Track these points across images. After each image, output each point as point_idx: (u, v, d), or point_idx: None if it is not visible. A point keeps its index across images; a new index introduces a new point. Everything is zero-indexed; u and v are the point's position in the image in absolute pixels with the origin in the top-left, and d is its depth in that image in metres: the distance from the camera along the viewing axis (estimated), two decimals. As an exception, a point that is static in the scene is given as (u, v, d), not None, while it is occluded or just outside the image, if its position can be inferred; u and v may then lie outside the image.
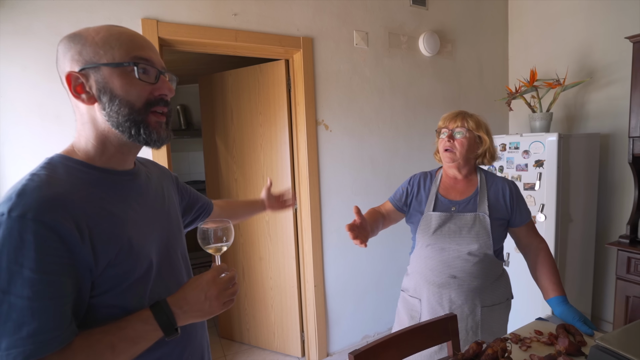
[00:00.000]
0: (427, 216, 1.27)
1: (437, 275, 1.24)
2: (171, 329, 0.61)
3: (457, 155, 1.24)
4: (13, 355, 0.48)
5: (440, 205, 1.27)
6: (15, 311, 0.49)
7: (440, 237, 1.24)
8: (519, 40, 2.90)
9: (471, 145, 1.25)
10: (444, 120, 1.28)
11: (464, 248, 1.22)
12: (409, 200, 1.34)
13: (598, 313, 2.58)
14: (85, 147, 0.65)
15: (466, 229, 1.22)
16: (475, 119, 1.25)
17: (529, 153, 2.25)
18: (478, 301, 1.24)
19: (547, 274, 1.22)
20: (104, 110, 0.62)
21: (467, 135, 1.23)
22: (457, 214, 1.24)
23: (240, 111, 2.32)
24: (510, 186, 1.29)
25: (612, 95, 2.39)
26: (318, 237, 2.18)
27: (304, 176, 2.15)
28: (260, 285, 2.38)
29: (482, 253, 1.22)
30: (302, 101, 2.10)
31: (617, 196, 2.44)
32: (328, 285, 2.25)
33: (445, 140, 1.25)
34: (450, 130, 1.25)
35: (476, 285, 1.23)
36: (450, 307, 1.23)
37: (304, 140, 2.12)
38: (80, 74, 0.61)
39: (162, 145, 0.68)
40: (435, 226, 1.24)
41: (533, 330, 1.12)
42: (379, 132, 2.36)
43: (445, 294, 1.23)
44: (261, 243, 2.34)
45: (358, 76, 2.26)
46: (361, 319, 2.39)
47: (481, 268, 1.23)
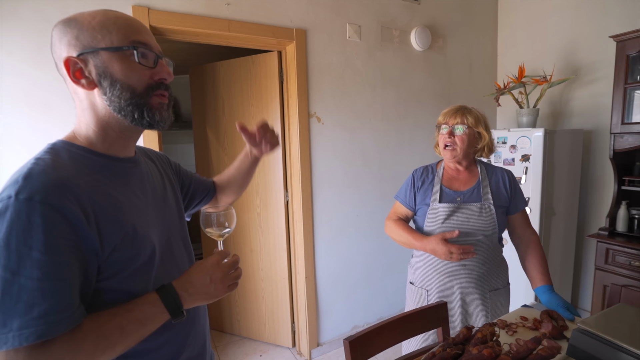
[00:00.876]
0: (434, 208, 1.30)
1: (448, 265, 1.28)
2: (178, 312, 0.62)
3: (457, 152, 1.28)
4: (25, 335, 0.49)
5: (446, 196, 1.31)
6: (25, 292, 0.49)
7: (449, 227, 1.27)
8: (507, 37, 2.96)
9: (471, 141, 1.29)
10: (444, 116, 1.31)
11: (473, 237, 1.26)
12: (415, 196, 1.37)
13: (577, 302, 2.70)
14: (86, 133, 0.65)
15: (474, 218, 1.26)
16: (475, 115, 1.29)
17: (516, 148, 2.32)
18: (486, 286, 1.29)
19: (536, 265, 1.28)
20: (105, 95, 0.62)
21: (466, 132, 1.26)
22: (463, 204, 1.28)
23: (232, 102, 2.30)
24: (509, 174, 1.35)
25: (595, 92, 2.48)
26: (309, 229, 2.20)
27: (296, 168, 2.16)
28: (251, 276, 2.39)
29: (489, 240, 1.27)
30: (294, 93, 2.10)
31: (598, 190, 2.54)
32: (319, 276, 2.27)
33: (446, 136, 1.27)
34: (450, 126, 1.27)
35: (484, 272, 1.28)
36: (462, 294, 1.28)
37: (296, 132, 2.12)
38: (79, 59, 0.60)
39: (166, 126, 0.68)
40: (443, 217, 1.28)
41: (519, 317, 1.17)
42: (370, 125, 2.38)
43: (457, 283, 1.28)
44: (252, 234, 2.35)
45: (350, 69, 2.27)
46: (351, 310, 2.43)
47: (488, 255, 1.28)
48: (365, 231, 2.40)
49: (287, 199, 2.24)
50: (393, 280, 2.55)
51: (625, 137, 2.09)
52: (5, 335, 0.48)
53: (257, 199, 2.31)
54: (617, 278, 2.03)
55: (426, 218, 1.32)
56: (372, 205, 2.42)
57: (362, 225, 2.40)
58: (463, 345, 1.02)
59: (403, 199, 1.40)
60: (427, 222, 1.31)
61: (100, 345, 0.54)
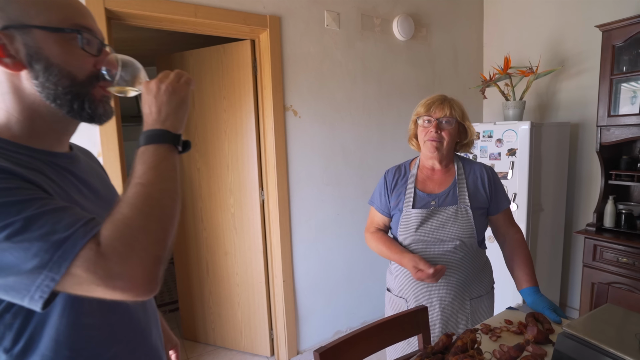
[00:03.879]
0: (406, 214, 1.25)
1: None
2: (168, 137, 0.60)
3: (443, 147, 1.22)
4: (74, 235, 0.48)
5: (419, 200, 1.25)
6: (42, 218, 0.48)
7: (423, 234, 1.23)
8: (493, 27, 2.96)
9: (455, 136, 1.24)
10: (426, 107, 1.24)
11: (449, 243, 1.22)
12: (389, 200, 1.32)
13: (566, 301, 2.72)
14: (6, 123, 0.58)
15: (449, 223, 1.21)
16: (460, 106, 1.24)
17: (502, 142, 2.31)
18: (467, 294, 1.26)
19: (521, 265, 1.24)
20: (37, 79, 0.56)
21: (455, 126, 1.22)
22: (438, 208, 1.22)
23: (203, 95, 2.22)
24: (489, 172, 1.29)
25: (582, 84, 2.49)
26: (287, 230, 2.15)
27: (272, 165, 2.10)
28: (226, 281, 2.32)
29: (468, 246, 1.23)
30: (269, 85, 2.04)
31: (585, 185, 2.55)
32: (298, 280, 2.22)
33: (432, 130, 1.21)
34: (436, 119, 1.21)
35: (464, 279, 1.24)
36: (441, 304, 1.24)
37: (271, 126, 2.07)
38: (3, 33, 0.54)
39: (107, 121, 0.65)
40: (416, 224, 1.23)
41: (503, 320, 1.14)
42: (351, 119, 2.33)
43: (435, 292, 1.24)
44: (226, 237, 2.28)
45: (329, 59, 2.22)
46: (333, 315, 2.38)
47: (467, 261, 1.24)
48: (346, 231, 2.36)
49: (262, 197, 2.19)
50: (377, 283, 2.51)
51: (612, 129, 2.09)
52: (69, 239, 0.47)
53: (231, 198, 2.24)
54: (605, 275, 2.03)
55: (399, 225, 1.27)
56: (354, 204, 2.37)
57: (343, 225, 2.35)
58: (443, 354, 0.98)
59: (378, 206, 1.34)
60: (400, 230, 1.27)
61: (147, 203, 0.53)
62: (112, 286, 0.48)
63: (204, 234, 2.33)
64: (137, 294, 0.50)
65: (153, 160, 0.58)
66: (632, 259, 1.93)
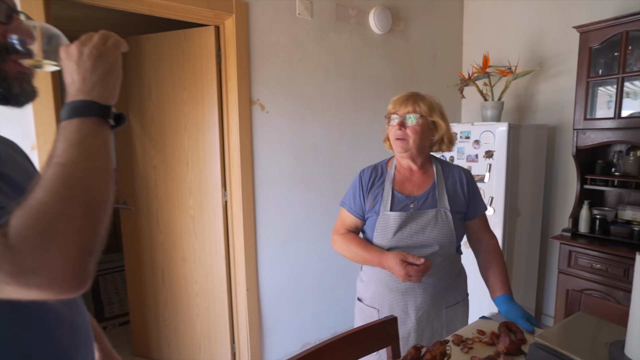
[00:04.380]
0: (384, 217, 1.23)
1: (401, 281, 1.22)
2: (95, 109, 0.54)
3: (409, 144, 1.21)
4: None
5: (397, 202, 1.24)
6: None
7: (402, 238, 1.21)
8: (473, 25, 3.01)
9: (425, 132, 1.22)
10: (394, 104, 1.24)
11: (428, 248, 1.21)
12: (364, 201, 1.29)
13: (542, 308, 2.79)
14: None
15: (429, 227, 1.21)
16: (428, 102, 1.22)
17: (479, 143, 2.34)
18: (443, 302, 1.25)
19: (496, 272, 1.25)
20: None
21: (419, 122, 1.20)
22: (417, 211, 1.22)
23: (160, 85, 2.13)
24: (467, 175, 1.30)
25: (560, 86, 2.57)
26: (251, 234, 2.10)
27: (236, 163, 2.05)
28: (184, 290, 2.24)
29: (446, 252, 1.23)
30: (234, 76, 1.99)
31: (562, 189, 2.63)
32: (262, 288, 2.18)
33: (396, 127, 1.21)
34: (401, 116, 1.21)
35: (441, 286, 1.24)
36: (417, 313, 1.23)
37: (236, 121, 2.01)
38: None
39: (27, 102, 0.59)
40: (394, 228, 1.21)
41: (476, 330, 1.14)
42: (322, 115, 2.31)
43: (411, 301, 1.23)
44: (185, 241, 2.20)
45: (300, 51, 2.19)
46: (301, 325, 2.35)
47: (445, 268, 1.24)
48: (316, 235, 2.33)
49: (225, 198, 2.13)
50: (349, 290, 2.49)
51: (588, 133, 2.16)
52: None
53: (191, 199, 2.16)
54: (580, 282, 2.09)
55: (376, 229, 1.25)
56: (324, 206, 2.35)
57: (312, 229, 2.32)
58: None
59: (350, 207, 1.31)
60: (376, 234, 1.25)
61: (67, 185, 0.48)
62: (26, 283, 0.43)
63: (160, 238, 2.24)
64: (60, 290, 0.45)
65: (76, 136, 0.52)
66: (606, 265, 1.99)
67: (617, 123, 2.03)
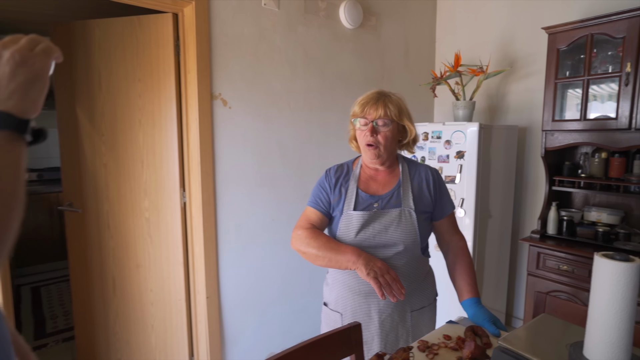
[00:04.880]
0: (347, 216, 1.24)
1: (363, 283, 1.22)
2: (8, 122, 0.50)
3: (382, 151, 1.22)
4: None
5: (362, 202, 1.25)
6: None
7: (365, 238, 1.22)
8: (446, 22, 3.09)
9: (395, 137, 1.24)
10: (362, 107, 1.23)
11: (391, 249, 1.22)
12: (330, 199, 1.29)
13: (512, 311, 2.90)
14: None
15: (392, 227, 1.22)
16: (397, 104, 1.23)
17: (450, 143, 2.40)
18: (408, 306, 1.26)
19: (463, 275, 1.28)
20: None
21: (391, 127, 1.21)
22: (381, 211, 1.23)
23: (112, 75, 2.05)
24: (434, 174, 1.32)
25: (530, 87, 2.68)
26: (212, 238, 2.07)
27: (195, 162, 2.01)
28: (137, 300, 2.17)
29: (411, 252, 1.24)
30: (193, 68, 1.95)
31: (532, 190, 2.75)
32: (224, 295, 2.14)
33: (367, 134, 1.20)
34: (371, 121, 1.20)
35: (406, 289, 1.23)
36: (380, 317, 1.23)
37: (196, 117, 1.97)
38: None
39: None
40: (357, 227, 1.22)
41: (442, 335, 1.16)
42: (289, 113, 2.30)
43: (374, 304, 1.23)
44: (138, 246, 2.13)
45: (266, 44, 2.17)
46: (266, 334, 2.33)
47: (410, 269, 1.25)
48: (282, 239, 2.32)
49: (184, 200, 2.09)
50: (316, 296, 2.49)
51: (556, 134, 2.27)
52: None
53: (146, 200, 2.09)
54: (548, 284, 2.19)
55: (338, 228, 1.26)
56: (291, 208, 2.34)
57: (278, 232, 2.31)
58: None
59: (316, 203, 1.30)
60: (339, 233, 1.26)
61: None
62: None
63: (111, 244, 2.15)
64: None
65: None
66: (572, 266, 2.09)
67: (583, 125, 2.14)
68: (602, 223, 2.22)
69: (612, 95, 2.13)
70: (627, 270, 0.69)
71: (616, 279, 0.70)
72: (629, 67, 1.94)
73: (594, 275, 0.76)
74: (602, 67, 2.14)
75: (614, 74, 2.04)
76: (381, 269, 1.10)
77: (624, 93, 1.97)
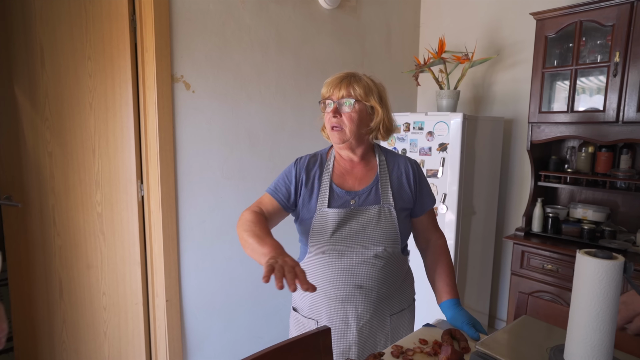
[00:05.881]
0: (321, 214, 1.21)
1: (340, 287, 1.21)
2: None
3: (347, 134, 1.20)
4: None
5: (337, 198, 1.23)
6: None
7: (341, 239, 1.20)
8: (431, 5, 3.10)
9: (363, 119, 1.21)
10: (328, 87, 1.22)
11: (370, 250, 1.21)
12: (298, 193, 1.26)
13: (496, 312, 2.96)
14: None
15: (371, 226, 1.21)
16: (364, 84, 1.21)
17: (433, 135, 2.41)
18: (387, 310, 1.26)
19: (442, 275, 1.29)
20: None
21: (356, 107, 1.19)
22: (358, 208, 1.21)
23: (57, 52, 1.96)
24: (414, 167, 1.30)
25: (517, 77, 2.72)
26: (173, 235, 2.03)
27: (154, 151, 1.96)
28: (88, 304, 2.10)
29: (390, 252, 1.23)
30: (151, 47, 1.89)
31: (517, 186, 2.80)
32: (186, 298, 2.11)
33: (331, 115, 1.19)
34: (335, 101, 1.19)
35: (385, 292, 1.24)
36: (358, 323, 1.23)
37: (154, 101, 1.92)
38: None
39: None
40: (333, 227, 1.20)
41: (417, 340, 1.16)
42: (260, 98, 2.28)
43: (351, 310, 1.22)
44: (89, 244, 2.07)
45: (234, 22, 2.13)
46: (233, 340, 2.31)
47: (390, 271, 1.24)
48: (252, 237, 2.28)
49: (141, 193, 2.04)
50: (288, 299, 2.46)
51: (542, 127, 2.31)
52: None
53: (98, 193, 2.02)
54: (532, 284, 2.24)
55: (312, 228, 1.23)
56: (262, 203, 2.31)
57: (247, 229, 2.27)
58: (341, 386, 0.95)
59: (273, 192, 1.26)
60: (313, 233, 1.23)
61: None
62: None
63: (57, 242, 2.07)
64: None
65: None
66: (557, 265, 2.15)
67: (570, 117, 2.19)
68: (588, 220, 2.28)
69: (601, 88, 2.18)
70: (609, 269, 0.70)
71: (598, 278, 0.70)
72: (617, 56, 1.99)
73: (576, 274, 0.77)
74: (590, 57, 2.20)
75: (602, 64, 2.09)
76: (285, 262, 0.96)
77: (612, 84, 2.03)
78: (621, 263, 0.70)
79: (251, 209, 1.21)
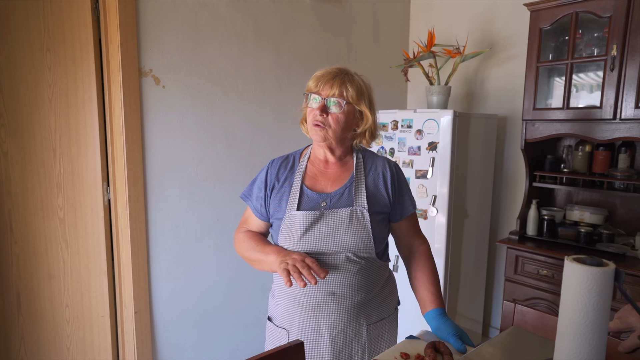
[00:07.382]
0: (290, 217, 1.21)
1: (311, 294, 1.21)
2: None
3: (329, 134, 1.20)
4: None
5: (307, 200, 1.23)
6: None
7: (309, 242, 1.20)
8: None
9: (349, 122, 1.22)
10: (317, 82, 1.21)
11: (340, 255, 1.20)
12: (269, 199, 1.28)
13: (490, 320, 2.95)
14: None
15: (341, 229, 1.20)
16: (357, 86, 1.21)
17: (422, 133, 2.39)
18: (363, 319, 1.26)
19: (427, 284, 1.28)
20: None
21: (345, 109, 1.19)
22: (328, 211, 1.21)
23: (11, 43, 1.91)
24: (392, 169, 1.30)
25: (511, 72, 2.72)
26: (142, 241, 2.00)
27: (120, 151, 1.93)
28: (50, 318, 2.06)
29: (364, 258, 1.22)
30: (116, 37, 1.85)
31: (512, 187, 2.80)
32: (157, 310, 2.08)
33: (317, 112, 1.19)
34: (324, 98, 1.19)
35: (360, 300, 1.23)
36: (331, 333, 1.22)
37: (120, 97, 1.88)
38: None
39: None
40: (301, 230, 1.20)
41: (399, 353, 1.13)
42: (237, 94, 2.25)
43: (324, 318, 1.22)
44: (51, 253, 2.02)
45: (208, 11, 2.10)
46: (210, 353, 2.29)
47: (364, 277, 1.24)
48: (229, 242, 2.28)
49: (108, 196, 2.01)
50: (270, 309, 2.45)
51: (537, 124, 2.30)
52: None
53: (59, 196, 1.98)
54: (526, 290, 2.23)
55: (280, 231, 1.23)
56: (239, 207, 2.28)
57: (224, 234, 2.28)
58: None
59: (254, 205, 1.32)
60: (281, 237, 1.24)
61: None
62: None
63: (15, 250, 2.01)
64: None
65: None
66: (552, 270, 2.14)
67: (566, 114, 2.19)
68: (585, 223, 2.28)
69: (598, 85, 2.18)
70: (599, 277, 0.67)
71: (587, 287, 0.68)
72: (614, 50, 1.99)
73: (564, 283, 0.74)
74: (587, 50, 2.19)
75: (599, 58, 2.09)
76: (295, 259, 1.09)
77: (609, 79, 2.02)
78: (612, 270, 0.68)
79: (240, 230, 1.37)
